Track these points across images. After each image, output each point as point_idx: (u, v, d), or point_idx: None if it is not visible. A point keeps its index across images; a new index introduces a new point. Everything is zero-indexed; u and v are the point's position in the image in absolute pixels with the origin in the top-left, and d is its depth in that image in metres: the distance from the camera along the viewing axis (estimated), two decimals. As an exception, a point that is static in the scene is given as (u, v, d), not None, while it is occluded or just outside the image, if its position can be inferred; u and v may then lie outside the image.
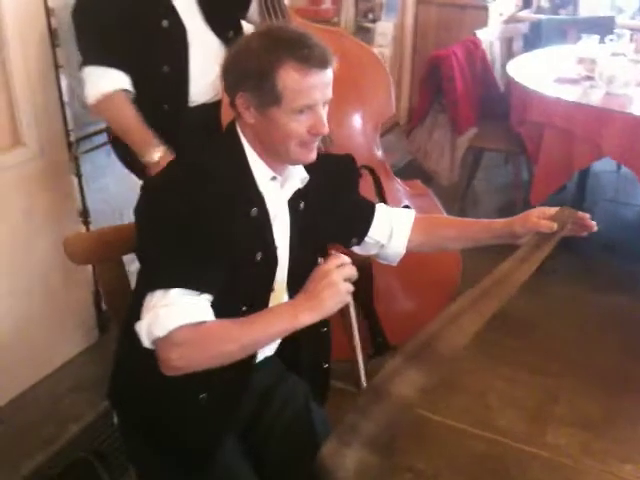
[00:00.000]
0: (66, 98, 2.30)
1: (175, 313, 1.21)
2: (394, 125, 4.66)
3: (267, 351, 1.49)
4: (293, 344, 1.52)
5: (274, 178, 1.38)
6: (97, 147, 2.47)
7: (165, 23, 2.01)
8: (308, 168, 1.47)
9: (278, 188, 1.40)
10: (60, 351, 2.43)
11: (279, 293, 1.45)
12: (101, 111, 2.01)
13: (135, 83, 2.01)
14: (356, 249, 1.64)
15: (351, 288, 1.27)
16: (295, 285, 1.47)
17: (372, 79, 2.14)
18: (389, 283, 2.22)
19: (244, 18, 2.23)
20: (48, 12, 2.14)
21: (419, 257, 1.69)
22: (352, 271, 1.28)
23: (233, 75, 1.29)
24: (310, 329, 1.50)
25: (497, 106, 3.40)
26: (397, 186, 2.24)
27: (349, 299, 1.27)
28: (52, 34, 2.17)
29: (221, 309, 1.29)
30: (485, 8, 4.23)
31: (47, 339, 2.34)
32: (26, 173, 2.21)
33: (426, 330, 1.30)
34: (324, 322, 1.53)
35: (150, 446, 1.38)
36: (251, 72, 1.26)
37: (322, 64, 1.26)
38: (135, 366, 1.37)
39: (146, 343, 1.22)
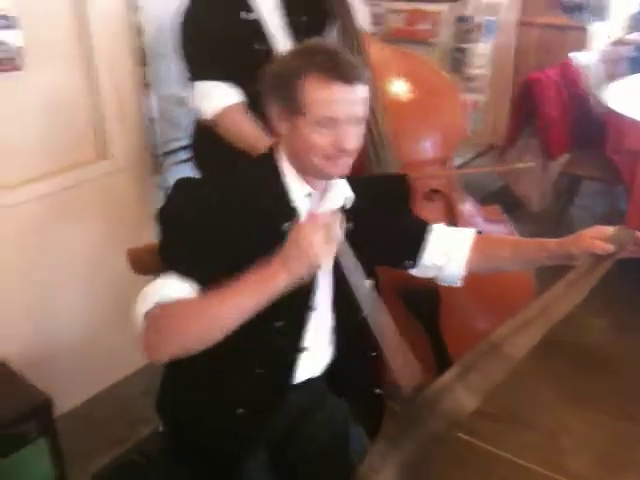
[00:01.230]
0: (154, 114, 2.41)
1: (145, 299, 1.24)
2: (490, 148, 4.54)
3: (309, 372, 1.47)
4: (340, 368, 1.50)
5: (309, 194, 1.38)
6: (182, 162, 2.56)
7: (257, 46, 2.06)
8: (357, 189, 1.46)
9: (316, 205, 1.39)
10: (134, 357, 2.51)
11: (322, 313, 1.44)
12: (220, 124, 2.04)
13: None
14: (413, 272, 1.61)
15: (330, 249, 1.21)
16: (341, 305, 1.46)
17: (443, 101, 2.10)
18: (457, 303, 2.15)
19: (324, 29, 2.25)
20: (138, 31, 2.25)
21: (490, 277, 1.65)
22: (332, 231, 1.22)
23: (268, 85, 1.32)
24: (357, 353, 1.47)
25: (593, 132, 3.24)
26: (471, 211, 2.17)
27: (320, 262, 1.20)
28: (141, 52, 2.28)
29: (254, 324, 1.27)
30: (584, 30, 4.06)
31: (124, 345, 2.43)
32: (111, 185, 2.32)
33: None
34: (372, 346, 1.50)
35: (185, 455, 1.40)
36: (281, 82, 1.29)
37: (347, 79, 1.26)
38: (179, 379, 1.41)
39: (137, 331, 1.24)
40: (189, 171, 2.54)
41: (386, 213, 1.54)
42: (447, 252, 1.55)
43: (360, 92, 1.29)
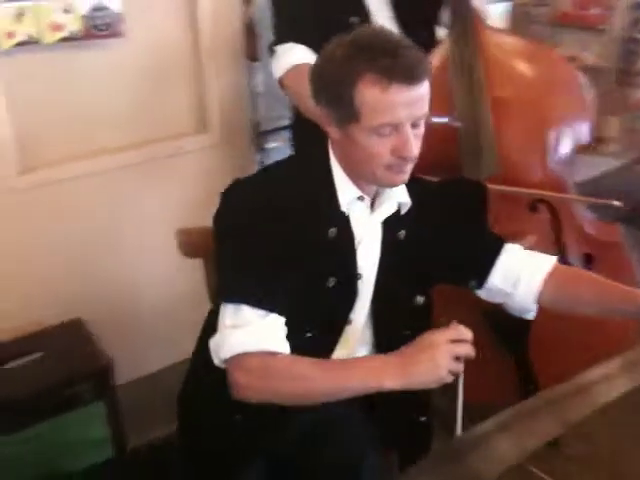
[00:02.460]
0: (260, 89, 2.35)
1: (244, 337, 1.15)
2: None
3: None
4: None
5: (361, 198, 1.24)
6: (284, 141, 2.49)
7: (353, 19, 1.93)
8: (420, 194, 1.31)
9: (366, 210, 1.26)
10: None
11: (357, 327, 1.31)
12: (287, 85, 1.94)
13: None
14: (481, 294, 1.42)
15: (458, 368, 1.11)
16: (380, 323, 1.32)
17: (568, 103, 1.83)
18: (551, 333, 1.90)
19: (438, 22, 2.06)
20: (246, 1, 2.18)
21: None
22: (467, 350, 1.11)
23: (315, 86, 1.18)
24: None
25: None
26: (583, 230, 1.90)
27: (449, 380, 1.10)
28: (249, 23, 2.21)
29: (288, 333, 1.20)
30: None
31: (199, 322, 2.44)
32: (208, 159, 2.30)
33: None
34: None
35: (191, 454, 1.35)
36: (330, 84, 1.14)
37: (408, 78, 1.09)
38: (201, 377, 1.34)
39: (216, 361, 1.18)
40: (288, 152, 2.48)
41: (452, 224, 1.36)
42: (517, 279, 1.35)
43: (423, 89, 1.13)
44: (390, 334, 1.34)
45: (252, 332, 1.14)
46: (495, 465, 1.10)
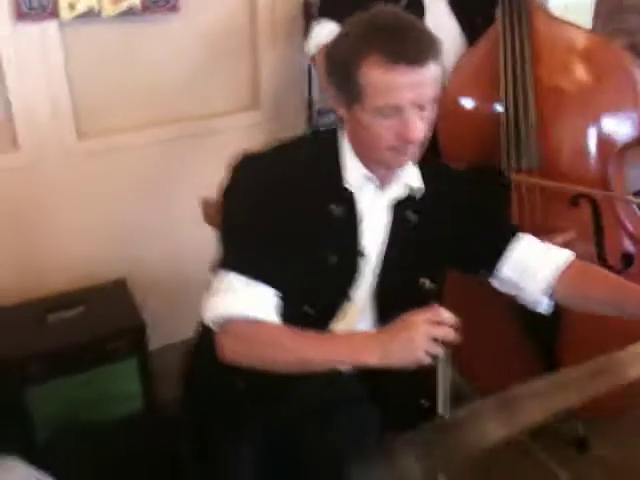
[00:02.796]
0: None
1: (229, 302, 1.20)
2: None
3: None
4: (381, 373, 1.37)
5: (369, 178, 1.25)
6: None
7: (403, 1, 1.92)
8: (437, 180, 1.32)
9: (375, 190, 1.27)
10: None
11: (359, 306, 1.32)
12: (317, 63, 1.97)
13: None
14: (494, 284, 1.41)
15: (435, 350, 1.10)
16: (383, 303, 1.34)
17: (619, 99, 1.74)
18: (584, 333, 1.84)
19: (495, 4, 2.01)
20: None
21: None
22: (446, 332, 1.10)
23: (328, 64, 1.19)
24: None
25: None
26: (626, 229, 1.81)
27: (427, 361, 1.10)
28: (305, 3, 2.23)
29: (284, 305, 1.24)
30: None
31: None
32: (260, 135, 2.34)
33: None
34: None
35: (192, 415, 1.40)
36: (339, 64, 1.16)
37: (413, 60, 1.09)
38: (207, 343, 1.39)
39: (205, 321, 1.23)
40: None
41: (468, 212, 1.35)
42: (527, 271, 1.33)
43: (430, 72, 1.12)
44: (394, 315, 1.34)
45: (239, 298, 1.18)
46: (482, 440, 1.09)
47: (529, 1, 1.82)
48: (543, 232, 1.79)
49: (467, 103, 1.88)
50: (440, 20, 1.96)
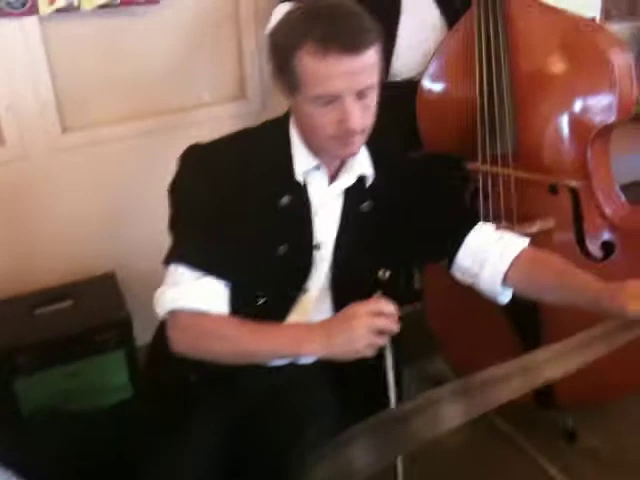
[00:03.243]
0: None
1: (175, 295, 1.21)
2: None
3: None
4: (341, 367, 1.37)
5: (318, 167, 1.25)
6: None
7: None
8: (392, 167, 1.31)
9: (324, 179, 1.27)
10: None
11: (315, 297, 1.32)
12: None
13: None
14: (455, 275, 1.41)
15: (378, 342, 1.11)
16: (340, 294, 1.33)
17: (595, 81, 1.72)
18: (565, 328, 1.84)
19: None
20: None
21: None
22: (387, 324, 1.11)
23: (268, 51, 1.19)
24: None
25: None
26: (606, 215, 1.80)
27: (369, 353, 1.12)
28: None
29: (237, 297, 1.25)
30: None
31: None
32: (247, 125, 2.34)
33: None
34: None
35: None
36: (277, 51, 1.15)
37: (346, 47, 1.08)
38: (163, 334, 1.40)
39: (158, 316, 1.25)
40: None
41: (425, 199, 1.35)
42: (484, 260, 1.32)
43: (366, 59, 1.11)
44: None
45: (186, 291, 1.20)
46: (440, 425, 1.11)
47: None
48: (521, 220, 1.80)
49: (445, 89, 1.88)
50: (420, 5, 1.95)
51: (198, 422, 1.26)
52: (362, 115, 1.15)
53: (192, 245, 1.23)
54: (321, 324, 1.15)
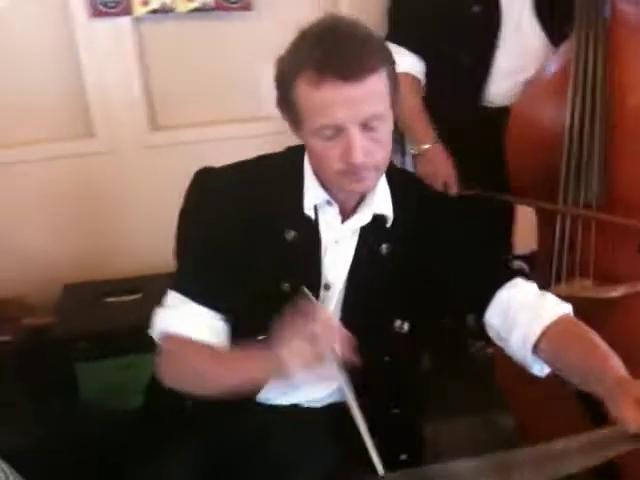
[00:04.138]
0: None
1: (168, 317, 1.17)
2: None
3: (297, 397, 1.27)
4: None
5: (329, 202, 1.15)
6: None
7: (476, 8, 1.76)
8: (413, 205, 1.19)
9: (336, 216, 1.17)
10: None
11: None
12: None
13: (431, 72, 1.87)
14: (488, 331, 1.23)
15: (300, 365, 0.99)
16: (349, 330, 1.20)
17: None
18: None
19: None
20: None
21: None
22: (317, 347, 0.99)
23: (274, 80, 1.09)
24: (377, 399, 1.21)
25: None
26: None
27: (291, 372, 1.00)
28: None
29: (238, 330, 1.19)
30: None
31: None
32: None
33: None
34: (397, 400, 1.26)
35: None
36: (278, 84, 1.07)
37: (342, 74, 0.97)
38: None
39: None
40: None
41: (454, 244, 1.20)
42: (513, 322, 1.14)
43: (368, 86, 1.00)
44: (364, 356, 1.24)
45: (179, 316, 1.15)
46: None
47: (613, 14, 1.56)
48: (598, 277, 1.57)
49: (534, 119, 1.69)
50: (523, 30, 1.78)
51: (182, 454, 1.22)
52: (370, 149, 1.04)
53: (188, 275, 1.19)
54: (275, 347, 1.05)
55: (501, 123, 1.75)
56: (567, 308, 1.14)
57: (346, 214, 1.18)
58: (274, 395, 1.24)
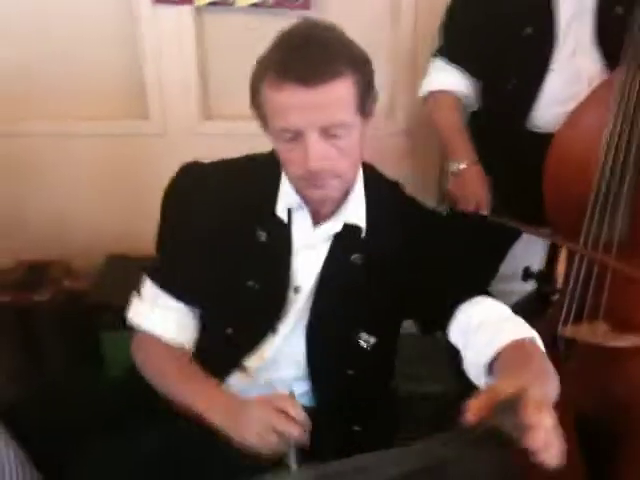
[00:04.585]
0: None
1: (140, 309, 1.24)
2: None
3: None
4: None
5: (301, 207, 1.15)
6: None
7: (529, 30, 1.68)
8: (390, 217, 1.17)
9: (308, 220, 1.16)
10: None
11: (287, 340, 1.21)
12: (428, 105, 1.89)
13: (478, 92, 1.84)
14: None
15: (269, 440, 0.99)
16: (315, 347, 1.21)
17: None
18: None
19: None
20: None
21: None
22: (285, 425, 0.99)
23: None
24: (337, 417, 1.23)
25: None
26: None
27: (263, 450, 1.00)
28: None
29: (208, 322, 1.24)
30: None
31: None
32: (397, 143, 2.25)
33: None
34: (360, 417, 1.24)
35: None
36: (251, 86, 1.07)
37: (302, 78, 0.97)
38: None
39: None
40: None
41: (426, 259, 1.15)
42: (467, 341, 1.08)
43: (329, 92, 0.98)
44: (327, 367, 1.22)
45: (149, 311, 1.21)
46: None
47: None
48: (608, 318, 1.47)
49: (573, 148, 1.59)
50: (579, 53, 1.69)
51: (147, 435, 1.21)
52: (330, 156, 1.03)
53: (165, 267, 1.23)
54: (232, 399, 1.09)
55: (545, 149, 1.68)
56: (525, 333, 1.05)
57: (320, 220, 1.17)
58: (238, 391, 1.23)
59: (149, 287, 1.22)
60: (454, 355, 1.13)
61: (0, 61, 2.06)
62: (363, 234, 1.17)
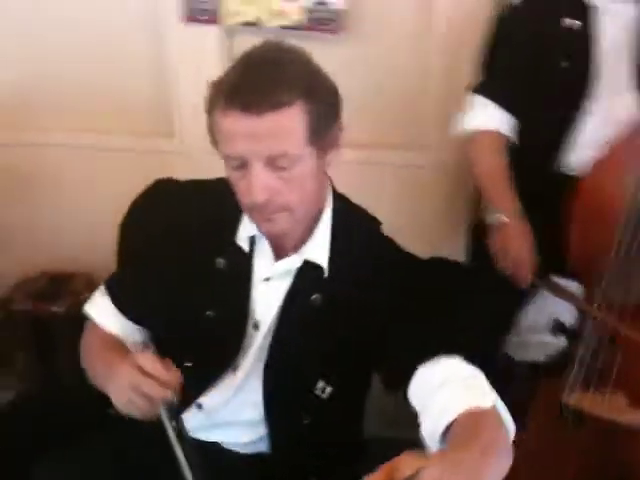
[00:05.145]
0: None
1: (100, 303, 1.23)
2: None
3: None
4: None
5: (259, 238, 1.09)
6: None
7: (564, 64, 1.56)
8: (356, 260, 1.08)
9: (268, 252, 1.10)
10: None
11: (246, 379, 1.14)
12: (467, 146, 1.75)
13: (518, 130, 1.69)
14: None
15: (137, 402, 0.97)
16: (271, 385, 1.13)
17: None
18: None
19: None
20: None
21: None
22: (148, 385, 0.95)
23: None
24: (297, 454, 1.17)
25: None
26: None
27: (136, 414, 0.98)
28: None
29: (162, 354, 1.15)
30: None
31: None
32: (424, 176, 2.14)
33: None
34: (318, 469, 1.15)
35: None
36: (204, 105, 1.02)
37: (246, 105, 0.92)
38: None
39: None
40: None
41: (389, 310, 1.05)
42: (426, 408, 0.96)
43: (275, 121, 0.92)
44: (283, 413, 1.13)
45: (105, 307, 1.20)
46: None
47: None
48: (618, 387, 1.32)
49: (596, 196, 1.47)
50: (617, 93, 1.57)
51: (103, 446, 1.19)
52: (277, 188, 0.97)
53: (119, 282, 1.23)
54: (118, 368, 1.02)
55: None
56: (482, 401, 0.92)
57: (283, 253, 1.10)
58: (193, 428, 1.16)
59: (103, 301, 1.21)
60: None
61: (32, 71, 2.10)
62: (325, 274, 1.08)
